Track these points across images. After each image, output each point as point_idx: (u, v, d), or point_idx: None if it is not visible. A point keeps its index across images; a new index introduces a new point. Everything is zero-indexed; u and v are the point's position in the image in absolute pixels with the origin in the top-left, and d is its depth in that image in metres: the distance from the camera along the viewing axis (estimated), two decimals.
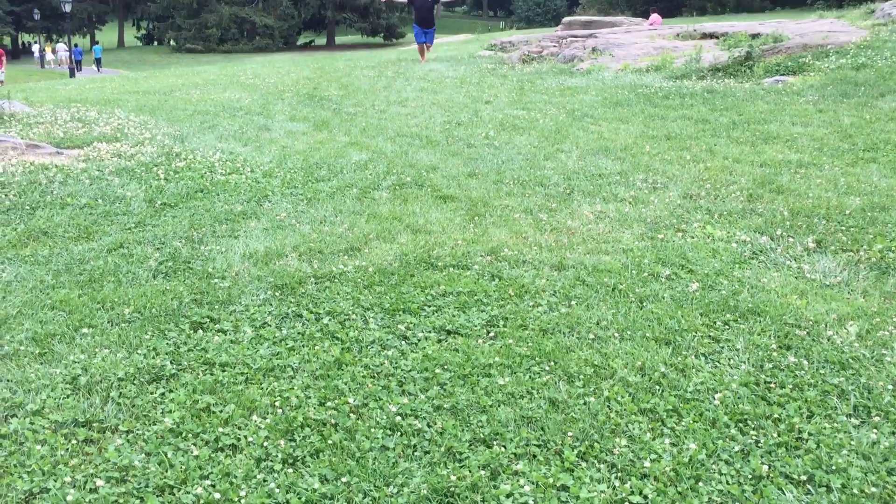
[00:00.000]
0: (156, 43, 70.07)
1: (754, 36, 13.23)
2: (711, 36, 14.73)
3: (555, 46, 16.69)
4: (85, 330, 3.62)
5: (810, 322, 3.76)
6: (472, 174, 6.63)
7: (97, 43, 60.28)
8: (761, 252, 4.69)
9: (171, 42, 63.27)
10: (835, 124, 7.90)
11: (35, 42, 62.05)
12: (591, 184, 6.25)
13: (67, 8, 39.23)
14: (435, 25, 16.83)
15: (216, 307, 3.91)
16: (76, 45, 43.24)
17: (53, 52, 54.78)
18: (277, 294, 4.08)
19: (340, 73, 15.48)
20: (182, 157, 6.99)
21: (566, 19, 27.30)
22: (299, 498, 2.54)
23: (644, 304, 3.99)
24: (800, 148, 7.11)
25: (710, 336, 3.65)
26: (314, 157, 7.26)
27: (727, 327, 3.73)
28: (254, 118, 9.57)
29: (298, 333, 3.66)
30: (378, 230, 5.11)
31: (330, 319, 3.81)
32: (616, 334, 3.66)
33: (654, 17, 24.31)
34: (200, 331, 3.67)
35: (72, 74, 33.01)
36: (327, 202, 5.79)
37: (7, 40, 62.65)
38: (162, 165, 6.65)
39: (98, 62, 46.21)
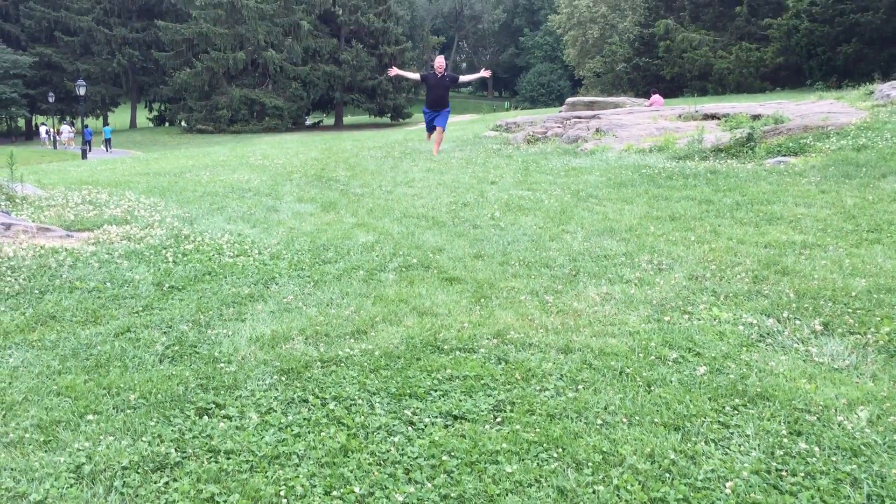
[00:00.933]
0: (167, 124, 71.38)
1: (755, 117, 13.43)
2: (713, 117, 14.95)
3: (559, 127, 16.94)
4: (90, 416, 3.61)
5: (820, 407, 3.73)
6: (478, 255, 6.66)
7: (108, 124, 61.53)
8: (768, 335, 4.68)
9: (183, 123, 64.47)
10: (838, 205, 7.96)
11: (43, 124, 63.29)
12: (596, 265, 6.27)
13: (82, 91, 40.12)
14: (449, 106, 14.83)
15: (222, 392, 3.90)
16: (86, 126, 44.21)
17: (58, 133, 55.95)
18: (283, 378, 4.07)
19: (348, 153, 15.70)
20: (191, 240, 7.06)
21: (570, 99, 27.78)
22: None
23: (652, 388, 3.97)
24: (804, 229, 7.15)
25: (719, 421, 3.62)
26: (321, 238, 7.32)
27: (736, 412, 3.70)
28: (262, 199, 9.67)
29: (304, 419, 3.64)
30: (384, 313, 5.12)
31: (336, 404, 3.79)
32: (624, 420, 3.64)
33: (655, 97, 24.74)
34: (206, 417, 3.65)
35: (84, 156, 33.58)
36: (334, 284, 5.81)
37: (21, 122, 63.89)
38: (171, 248, 6.71)
39: (108, 143, 47.09)
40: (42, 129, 58.92)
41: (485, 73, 14.80)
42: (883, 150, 10.11)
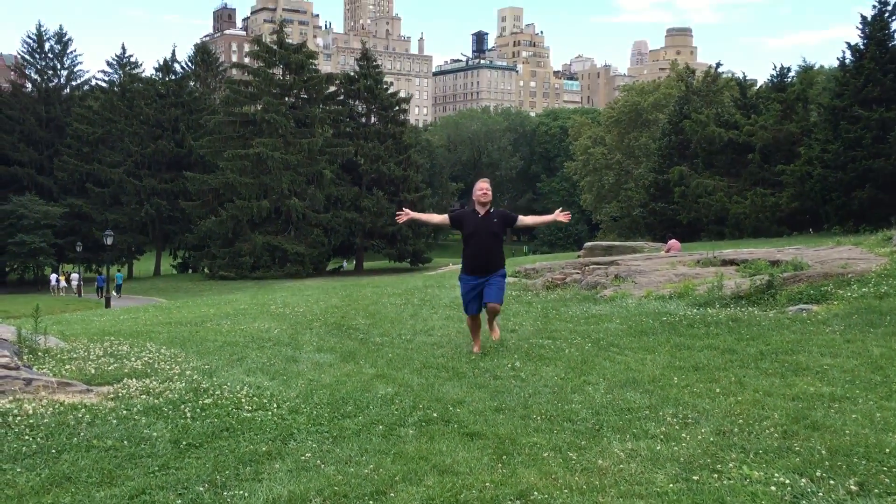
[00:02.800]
0: (190, 271, 72.50)
1: (774, 263, 13.47)
2: (731, 263, 15.02)
3: (578, 273, 17.05)
4: None
5: None
6: (499, 409, 6.56)
7: (119, 271, 63.09)
8: (802, 496, 4.51)
9: (206, 270, 65.46)
10: (864, 355, 7.84)
11: (53, 272, 64.32)
12: (619, 419, 6.15)
13: (109, 241, 41.13)
14: (504, 266, 9.23)
15: None
16: (100, 274, 45.30)
17: (68, 280, 57.06)
18: None
19: (368, 300, 15.81)
20: (209, 393, 7.02)
21: (588, 244, 28.17)
22: None
23: None
24: (831, 380, 7.02)
25: None
26: (340, 391, 7.26)
27: None
28: (282, 349, 9.68)
29: None
30: (404, 471, 5.00)
31: None
32: None
33: (672, 242, 24.95)
34: None
35: (107, 304, 34.11)
36: (353, 440, 5.72)
37: (48, 270, 65.28)
38: (189, 402, 6.67)
39: (118, 289, 48.34)
40: (52, 278, 59.89)
41: (562, 217, 9.17)
42: None
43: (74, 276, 59.03)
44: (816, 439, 5.42)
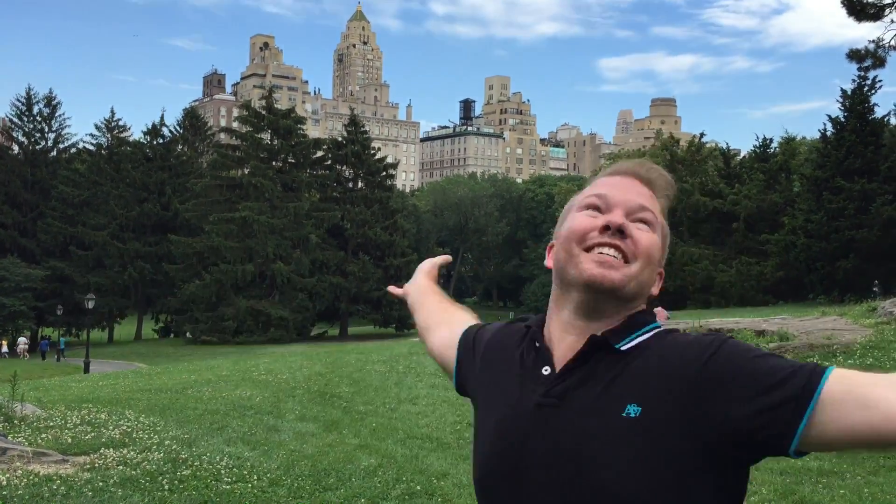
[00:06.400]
0: (172, 335, 71.74)
1: (760, 333, 13.46)
2: (717, 332, 14.99)
3: None
4: None
5: None
6: None
7: (63, 335, 62.74)
8: None
9: (188, 334, 64.79)
10: None
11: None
12: None
13: (91, 304, 40.77)
14: None
15: None
16: (45, 338, 44.86)
17: (13, 345, 54.76)
18: None
19: (352, 368, 15.66)
20: (188, 464, 6.87)
21: None
22: None
23: None
24: (819, 455, 6.95)
25: None
26: (323, 462, 7.13)
27: None
28: (263, 418, 9.54)
29: None
30: None
31: None
32: None
33: (658, 310, 24.97)
34: None
35: (86, 369, 33.61)
36: None
37: (27, 334, 64.21)
38: (167, 474, 6.52)
39: (61, 352, 48.40)
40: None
41: None
42: (892, 371, 10.03)
43: (22, 339, 56.49)
44: None
